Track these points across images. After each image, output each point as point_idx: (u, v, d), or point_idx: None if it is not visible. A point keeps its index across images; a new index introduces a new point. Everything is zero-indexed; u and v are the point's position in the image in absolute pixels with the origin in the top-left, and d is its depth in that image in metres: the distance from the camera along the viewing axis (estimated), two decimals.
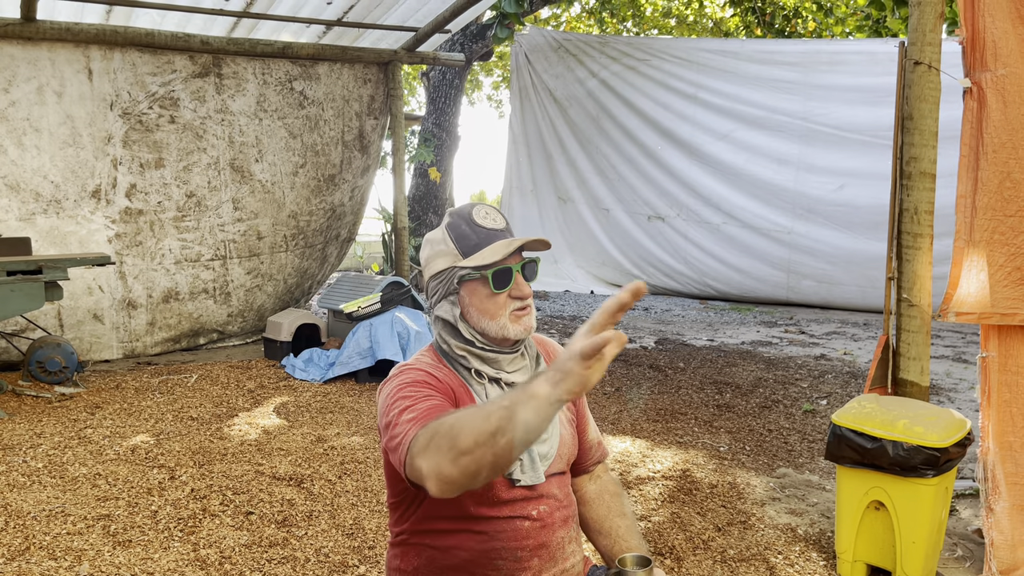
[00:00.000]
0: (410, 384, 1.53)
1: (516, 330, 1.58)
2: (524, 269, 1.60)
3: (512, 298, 1.58)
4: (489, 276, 1.56)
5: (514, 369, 1.65)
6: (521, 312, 1.60)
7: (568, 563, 1.66)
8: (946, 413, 2.87)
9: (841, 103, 9.52)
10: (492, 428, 1.16)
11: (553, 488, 1.64)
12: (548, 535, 1.62)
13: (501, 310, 1.58)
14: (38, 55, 5.84)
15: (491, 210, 1.63)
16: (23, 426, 4.55)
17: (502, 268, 1.56)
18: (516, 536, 1.58)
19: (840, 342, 7.75)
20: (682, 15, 16.19)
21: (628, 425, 4.81)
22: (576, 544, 1.70)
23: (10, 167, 5.87)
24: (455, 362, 1.64)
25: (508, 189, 12.27)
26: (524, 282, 1.60)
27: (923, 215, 3.09)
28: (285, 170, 7.06)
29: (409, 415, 1.42)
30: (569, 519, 1.68)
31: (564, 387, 1.13)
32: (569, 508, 1.68)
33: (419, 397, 1.48)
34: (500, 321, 1.58)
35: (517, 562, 1.59)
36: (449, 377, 1.61)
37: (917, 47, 2.99)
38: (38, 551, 2.96)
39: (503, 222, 1.62)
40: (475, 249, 1.56)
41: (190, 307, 6.84)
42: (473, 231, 1.58)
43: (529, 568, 1.60)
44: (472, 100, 20.79)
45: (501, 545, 1.57)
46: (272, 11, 6.22)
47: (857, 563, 2.92)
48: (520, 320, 1.59)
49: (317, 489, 3.65)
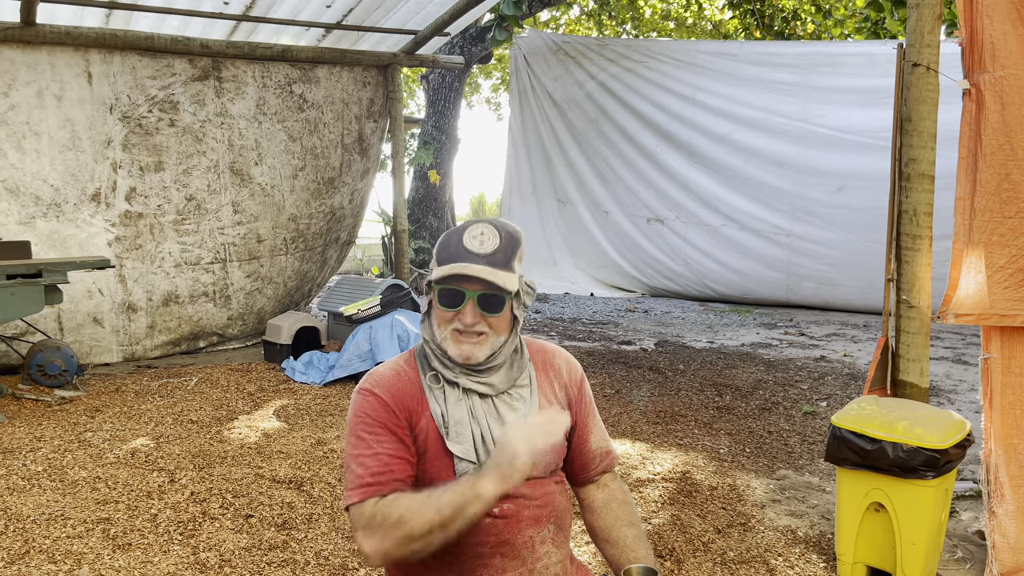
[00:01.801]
0: (364, 419, 1.58)
1: (453, 351, 1.60)
2: (482, 300, 1.57)
3: (458, 320, 1.59)
4: (436, 291, 1.60)
5: (476, 381, 1.63)
6: (463, 337, 1.59)
7: (539, 564, 1.64)
8: (946, 415, 2.87)
9: (840, 105, 9.53)
10: (444, 520, 1.40)
11: (523, 489, 1.61)
12: (513, 533, 1.61)
13: (446, 325, 1.60)
14: (38, 59, 5.85)
15: (489, 232, 1.58)
16: (23, 429, 4.54)
17: (453, 289, 1.58)
18: (475, 532, 1.58)
19: (840, 344, 7.76)
20: (681, 18, 16.21)
21: (628, 427, 4.81)
22: (553, 546, 1.67)
23: (10, 171, 5.87)
24: (424, 361, 1.67)
25: (508, 192, 12.28)
26: (474, 311, 1.57)
27: (922, 216, 3.10)
28: (285, 173, 7.06)
29: (357, 468, 1.55)
30: (542, 519, 1.66)
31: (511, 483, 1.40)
32: (544, 509, 1.66)
33: (370, 443, 1.56)
34: (443, 333, 1.61)
35: (478, 558, 1.60)
36: (410, 387, 1.63)
37: (916, 49, 2.99)
38: (38, 554, 2.96)
39: (492, 247, 1.57)
40: (444, 262, 1.58)
41: (190, 310, 6.84)
42: (453, 245, 1.59)
43: (491, 565, 1.60)
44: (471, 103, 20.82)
45: (460, 541, 1.55)
46: (271, 14, 6.23)
47: (857, 565, 2.92)
48: (460, 344, 1.59)
49: (317, 492, 3.65)
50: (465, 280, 1.56)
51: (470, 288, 1.56)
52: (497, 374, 1.64)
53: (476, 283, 1.56)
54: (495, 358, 1.62)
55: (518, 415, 1.64)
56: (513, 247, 1.60)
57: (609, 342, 7.70)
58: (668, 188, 10.85)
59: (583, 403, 1.78)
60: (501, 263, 1.56)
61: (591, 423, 1.80)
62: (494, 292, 1.57)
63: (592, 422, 1.80)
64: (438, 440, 1.59)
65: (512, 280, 1.57)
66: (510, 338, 1.65)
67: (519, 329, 1.68)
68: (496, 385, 1.64)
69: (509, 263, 1.58)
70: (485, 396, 1.64)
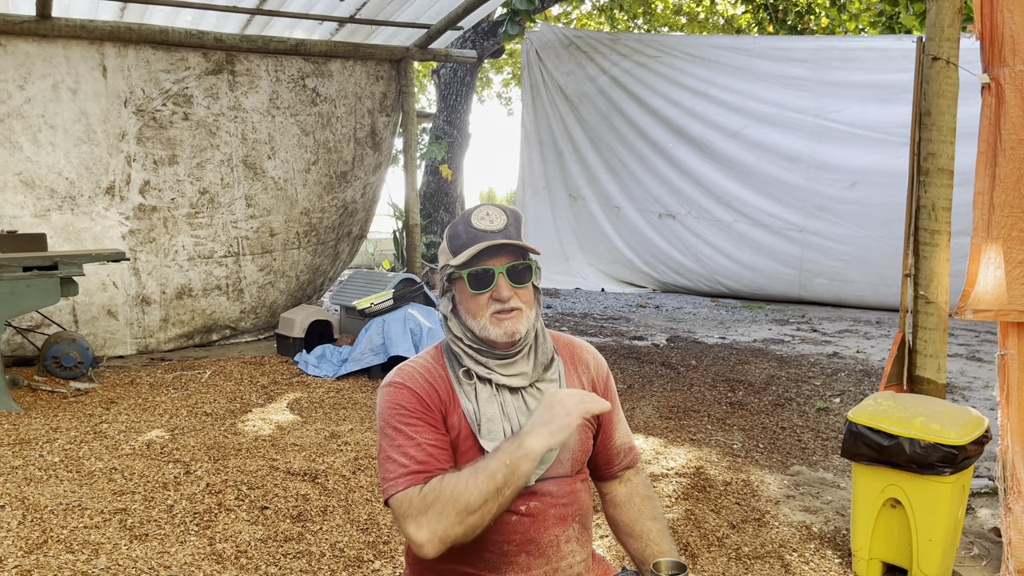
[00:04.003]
0: (400, 410, 1.56)
1: (496, 332, 1.58)
2: (510, 272, 1.58)
3: (494, 300, 1.58)
4: (465, 276, 1.58)
5: (509, 373, 1.63)
6: (502, 315, 1.58)
7: (564, 562, 1.64)
8: (963, 411, 2.86)
9: (853, 100, 9.47)
10: (499, 484, 1.40)
11: (550, 487, 1.63)
12: (539, 532, 1.61)
13: (482, 310, 1.58)
14: (53, 52, 5.88)
15: (494, 211, 1.60)
16: (39, 421, 4.58)
17: (482, 269, 1.57)
18: (502, 530, 1.58)
19: (852, 340, 7.72)
20: (693, 12, 16.13)
21: (641, 423, 4.80)
22: (578, 544, 1.68)
23: (25, 163, 5.91)
24: (453, 358, 1.65)
25: (522, 187, 12.26)
26: (507, 285, 1.57)
27: (940, 212, 3.07)
28: (297, 167, 7.08)
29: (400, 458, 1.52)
30: (568, 518, 1.66)
31: (559, 439, 1.42)
32: (570, 508, 1.66)
33: (409, 434, 1.53)
34: (481, 322, 1.59)
35: (503, 555, 1.60)
36: (440, 382, 1.62)
37: (935, 42, 2.97)
38: (55, 544, 2.98)
39: (502, 223, 1.58)
40: (461, 248, 1.57)
41: (203, 303, 6.87)
42: (465, 231, 1.59)
43: (516, 562, 1.60)
44: (482, 98, 20.79)
45: (487, 538, 1.56)
46: (285, 8, 6.24)
47: (873, 561, 2.91)
48: (501, 323, 1.58)
49: (331, 484, 3.67)
50: (490, 257, 1.57)
51: (496, 264, 1.57)
52: (527, 360, 1.65)
53: (501, 257, 1.58)
54: (527, 337, 1.63)
55: None
56: (519, 221, 1.63)
57: (621, 337, 7.69)
58: (680, 183, 10.81)
59: (609, 398, 1.78)
60: (515, 235, 1.59)
61: (616, 418, 1.80)
62: (520, 261, 1.59)
63: (617, 417, 1.81)
64: (469, 437, 1.59)
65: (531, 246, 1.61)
66: (538, 313, 1.67)
67: (541, 303, 1.69)
68: (527, 373, 1.64)
69: (520, 235, 1.61)
70: (515, 391, 1.63)
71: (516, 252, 1.59)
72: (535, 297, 1.65)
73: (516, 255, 1.59)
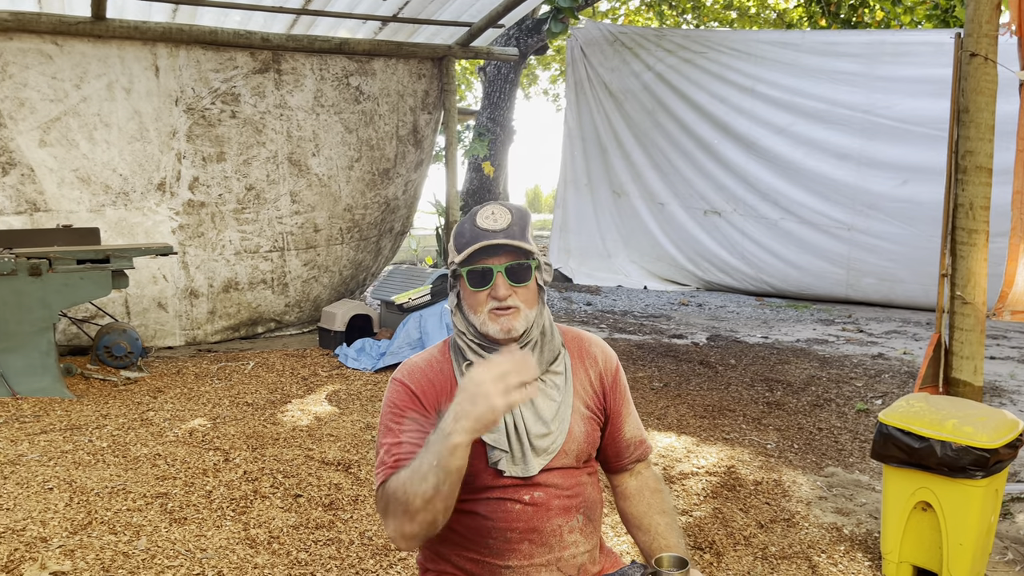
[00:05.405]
0: (392, 408, 1.65)
1: (494, 328, 1.63)
2: (509, 272, 1.62)
3: (492, 298, 1.62)
4: (463, 274, 1.63)
5: None
6: (500, 312, 1.62)
7: (567, 552, 1.67)
8: (998, 413, 2.80)
9: (905, 95, 9.24)
10: (435, 484, 1.42)
11: (554, 478, 1.66)
12: (541, 521, 1.64)
13: (481, 307, 1.64)
14: (108, 52, 6.09)
15: (500, 210, 1.64)
16: (90, 407, 4.77)
17: (481, 268, 1.61)
18: (506, 518, 1.63)
19: (900, 341, 7.55)
20: (744, 7, 15.90)
21: (674, 421, 4.79)
22: (582, 536, 1.70)
23: (82, 160, 6.14)
24: (458, 352, 1.71)
25: (563, 183, 12.25)
26: (505, 284, 1.61)
27: (978, 210, 3.01)
28: (341, 164, 7.21)
29: (383, 456, 1.60)
30: (571, 509, 1.68)
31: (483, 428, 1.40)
32: (574, 499, 1.69)
33: (396, 432, 1.62)
34: (480, 317, 1.64)
35: (506, 543, 1.63)
36: (441, 376, 1.69)
37: (973, 39, 2.90)
38: (99, 525, 3.11)
39: (505, 223, 1.62)
40: (464, 247, 1.62)
41: (249, 297, 7.04)
42: (469, 229, 1.63)
43: (519, 550, 1.64)
44: (528, 94, 20.83)
45: (491, 525, 1.62)
46: (330, 8, 6.36)
47: (903, 564, 2.87)
48: (498, 320, 1.62)
49: (364, 474, 3.75)
50: (489, 255, 1.61)
51: (496, 263, 1.61)
52: (532, 355, 1.66)
53: (500, 256, 1.61)
54: (530, 333, 1.67)
55: (553, 403, 1.67)
56: (525, 220, 1.66)
57: (660, 335, 7.65)
58: (725, 180, 10.68)
59: (618, 391, 1.80)
60: (518, 235, 1.62)
61: (625, 412, 1.81)
62: (519, 261, 1.62)
63: (626, 410, 1.82)
64: None
65: (532, 246, 1.63)
66: (540, 311, 1.69)
67: (545, 302, 1.72)
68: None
69: (524, 235, 1.63)
70: None
71: (517, 251, 1.62)
72: (539, 295, 1.68)
73: (517, 254, 1.62)
